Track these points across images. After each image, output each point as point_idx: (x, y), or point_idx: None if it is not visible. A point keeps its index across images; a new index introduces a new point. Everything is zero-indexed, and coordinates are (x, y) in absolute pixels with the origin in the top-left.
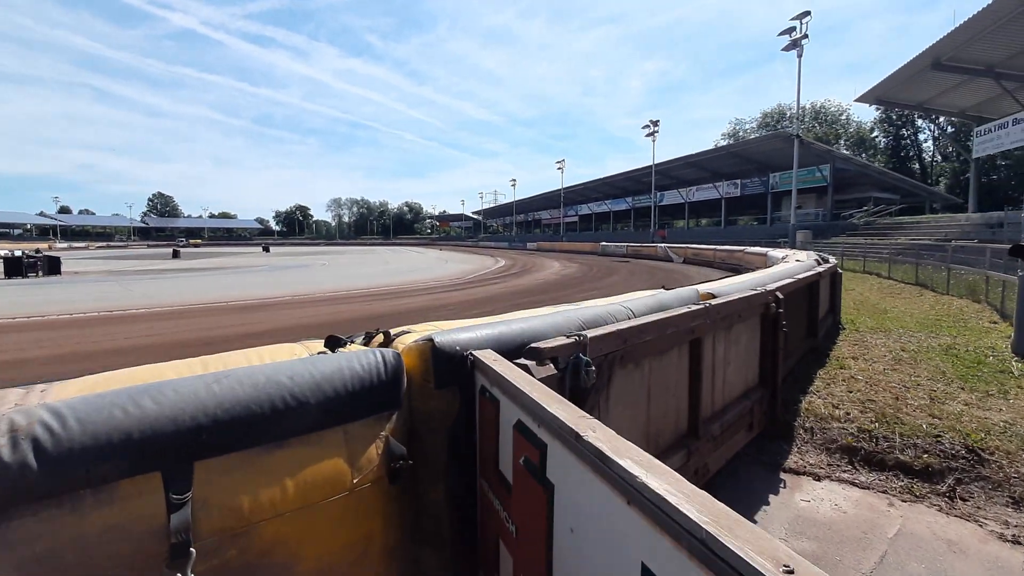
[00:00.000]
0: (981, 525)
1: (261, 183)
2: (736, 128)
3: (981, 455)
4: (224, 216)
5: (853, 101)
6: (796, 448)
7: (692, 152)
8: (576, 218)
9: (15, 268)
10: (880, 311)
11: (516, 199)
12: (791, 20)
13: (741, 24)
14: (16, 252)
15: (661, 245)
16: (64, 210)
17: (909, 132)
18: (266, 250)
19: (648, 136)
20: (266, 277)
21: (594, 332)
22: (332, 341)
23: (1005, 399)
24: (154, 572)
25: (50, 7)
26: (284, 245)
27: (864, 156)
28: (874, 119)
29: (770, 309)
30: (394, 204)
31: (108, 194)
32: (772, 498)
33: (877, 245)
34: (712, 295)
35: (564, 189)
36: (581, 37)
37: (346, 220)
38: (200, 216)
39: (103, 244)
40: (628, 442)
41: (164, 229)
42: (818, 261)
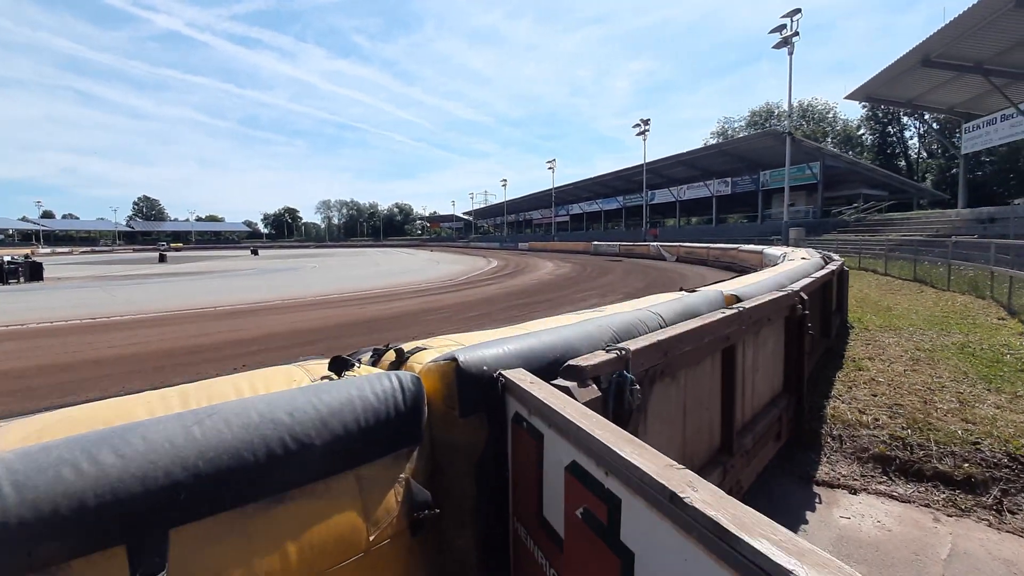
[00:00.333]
0: None
1: (248, 185)
2: (725, 127)
3: None
4: (211, 219)
5: (843, 99)
6: (825, 458)
7: (683, 151)
8: (567, 218)
9: None
10: (884, 308)
11: (507, 199)
12: (782, 17)
13: (726, 24)
14: None
15: (654, 244)
16: (47, 215)
17: (895, 129)
18: (254, 253)
19: (639, 135)
20: (255, 281)
21: (635, 345)
22: (338, 363)
23: None
24: None
25: (30, 9)
26: (272, 248)
27: (851, 153)
28: (860, 117)
29: (796, 311)
30: (384, 205)
31: (92, 198)
32: (810, 515)
33: (869, 241)
34: (737, 297)
35: (555, 189)
36: (568, 37)
37: (335, 222)
38: (187, 219)
39: (87, 249)
40: (749, 509)
41: (150, 233)
42: (824, 259)
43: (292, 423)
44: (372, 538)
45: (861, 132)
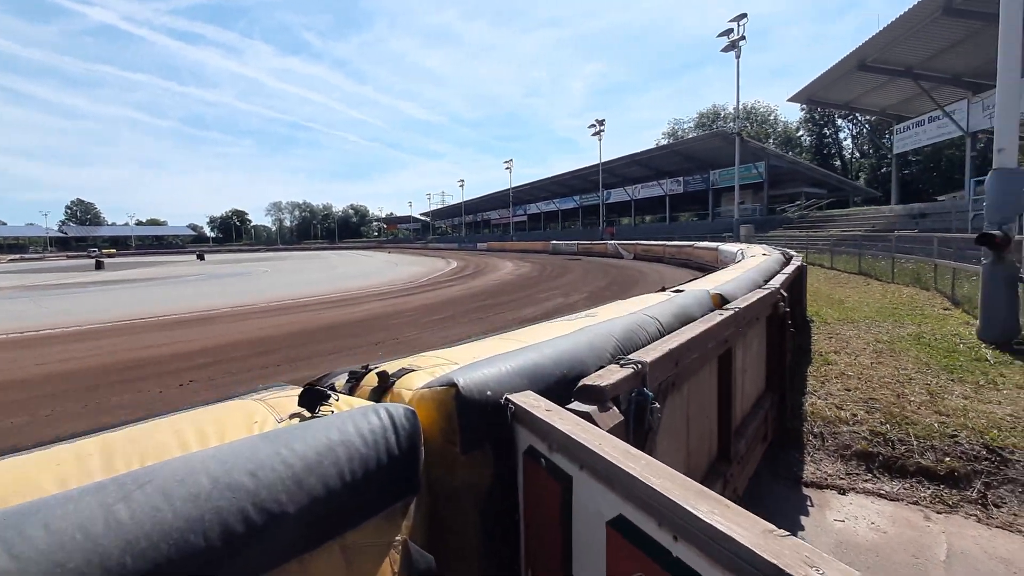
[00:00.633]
0: None
1: (193, 187)
2: (675, 128)
3: (1003, 455)
4: (153, 223)
5: (786, 100)
6: (809, 457)
7: (637, 151)
8: (525, 217)
9: None
10: (837, 302)
11: (464, 200)
12: (729, 22)
13: (674, 30)
14: None
15: (611, 242)
16: None
17: (831, 131)
18: (200, 258)
19: (594, 135)
20: (202, 287)
21: (649, 356)
22: (310, 396)
23: (997, 390)
24: None
25: None
26: (220, 252)
27: (792, 154)
28: (799, 119)
29: (778, 308)
30: (338, 207)
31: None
32: (804, 520)
33: (813, 237)
34: (722, 296)
35: (512, 189)
36: (523, 39)
37: (288, 224)
38: (126, 224)
39: (16, 256)
40: None
41: (85, 239)
42: (783, 255)
43: (256, 487)
44: None
45: (800, 133)
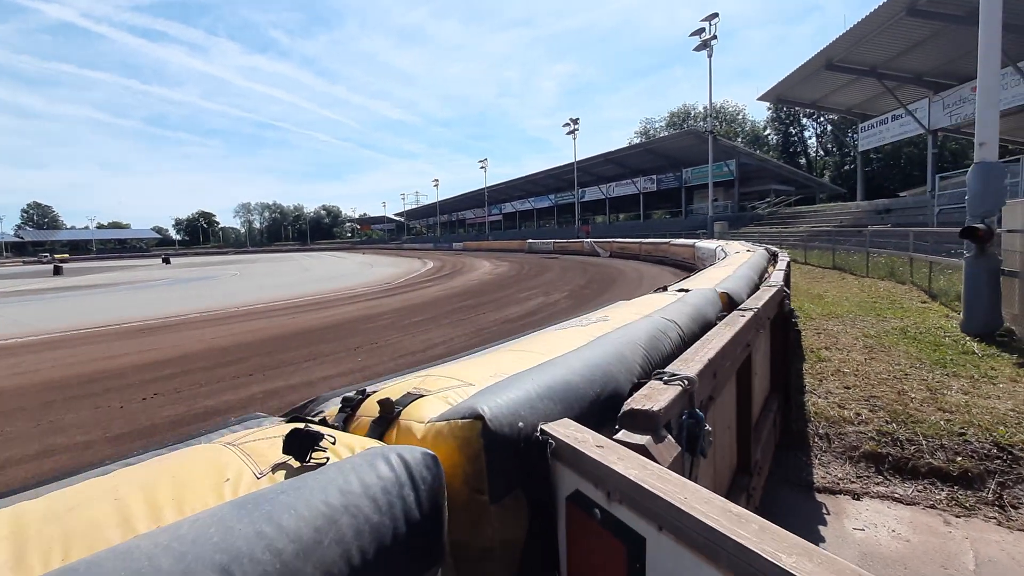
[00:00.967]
0: None
1: (158, 189)
2: (647, 127)
3: (1013, 453)
4: (115, 226)
5: (756, 99)
6: (816, 460)
7: (610, 149)
8: (500, 217)
9: None
10: (817, 296)
11: (439, 199)
12: (701, 21)
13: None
14: None
15: (587, 240)
16: None
17: (796, 130)
18: (166, 261)
19: (569, 134)
20: (168, 292)
21: (691, 370)
22: (299, 440)
23: (993, 384)
24: None
25: None
26: (187, 255)
27: (759, 152)
28: (766, 118)
29: (783, 306)
30: (310, 208)
31: None
32: (823, 530)
33: (784, 232)
34: (729, 295)
35: (487, 188)
36: (494, 39)
37: (258, 226)
38: (86, 227)
39: None
40: None
41: (43, 243)
42: (768, 250)
43: None
44: None
45: (767, 132)
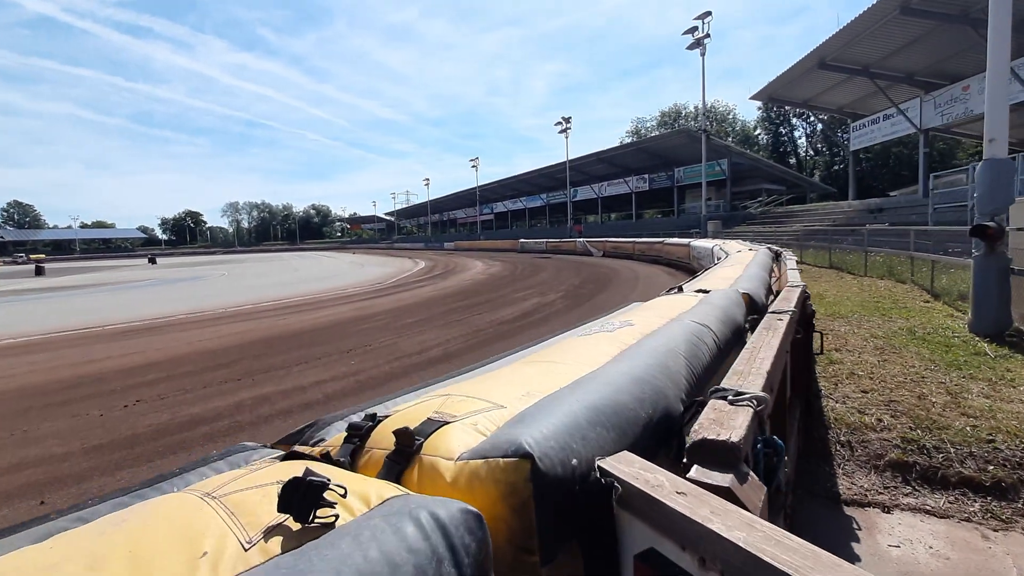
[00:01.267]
0: None
1: (143, 188)
2: (638, 126)
3: None
4: (99, 225)
5: (748, 99)
6: (839, 468)
7: (603, 148)
8: (492, 216)
9: None
10: (817, 295)
11: (430, 199)
12: (694, 20)
13: (633, 30)
14: None
15: (580, 240)
16: None
17: (786, 130)
18: (152, 261)
19: (561, 132)
20: (153, 293)
21: (751, 384)
22: (299, 492)
23: (1014, 387)
24: None
25: None
26: (174, 255)
27: (750, 152)
28: (756, 118)
29: (806, 308)
30: (299, 207)
31: None
32: (857, 548)
33: (777, 232)
34: (750, 296)
35: (479, 187)
36: (484, 38)
37: (246, 226)
38: (69, 227)
39: None
40: None
41: (24, 243)
42: (770, 248)
43: None
44: None
45: (757, 132)
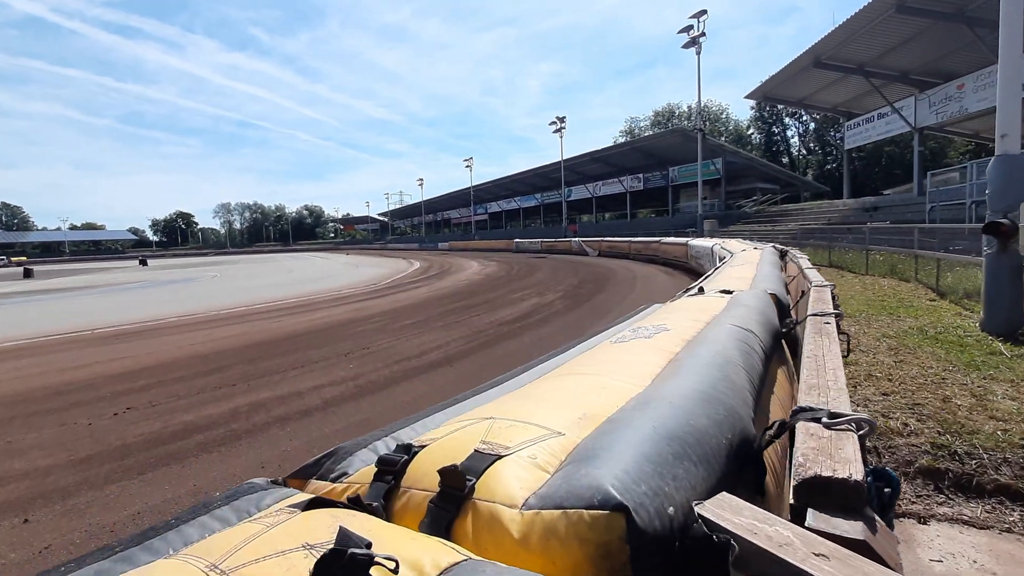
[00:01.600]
0: None
1: (134, 190)
2: (632, 126)
3: None
4: (89, 227)
5: (743, 97)
6: None
7: (598, 148)
8: (486, 216)
9: None
10: None
11: (424, 199)
12: (690, 18)
13: (627, 30)
14: None
15: (575, 240)
16: None
17: (779, 129)
18: (143, 263)
19: (555, 132)
20: (144, 295)
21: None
22: (335, 567)
23: None
24: None
25: None
26: (165, 257)
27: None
28: (749, 118)
29: (836, 309)
30: (292, 208)
31: None
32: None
33: (773, 231)
34: (776, 296)
35: (473, 187)
36: (479, 38)
37: (238, 227)
38: (58, 228)
39: None
40: None
41: (12, 245)
42: (775, 247)
43: None
44: None
45: (750, 132)
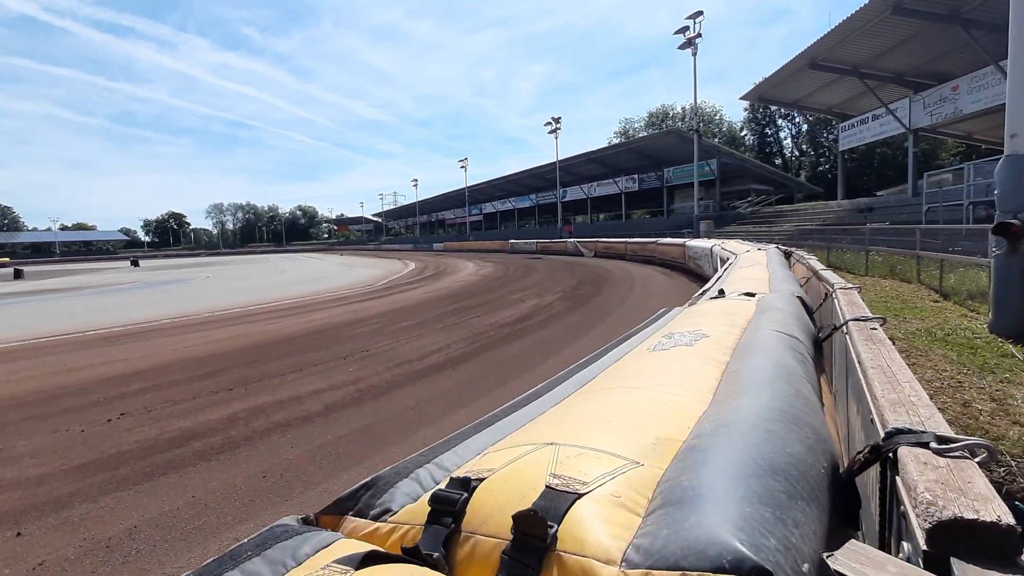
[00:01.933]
0: None
1: (126, 190)
2: (626, 127)
3: None
4: (80, 227)
5: (739, 99)
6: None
7: (592, 148)
8: (481, 217)
9: None
10: None
11: (418, 200)
12: (686, 19)
13: (620, 32)
14: None
15: (570, 240)
16: None
17: (772, 131)
18: (135, 264)
19: (551, 133)
20: (137, 297)
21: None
22: None
23: None
24: None
25: None
26: (157, 257)
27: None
28: (743, 119)
29: None
30: (285, 209)
31: None
32: None
33: (768, 232)
34: (802, 299)
35: (468, 188)
36: (471, 38)
37: (231, 227)
38: (48, 229)
39: None
40: None
41: (3, 246)
42: (779, 248)
43: None
44: None
45: (744, 133)
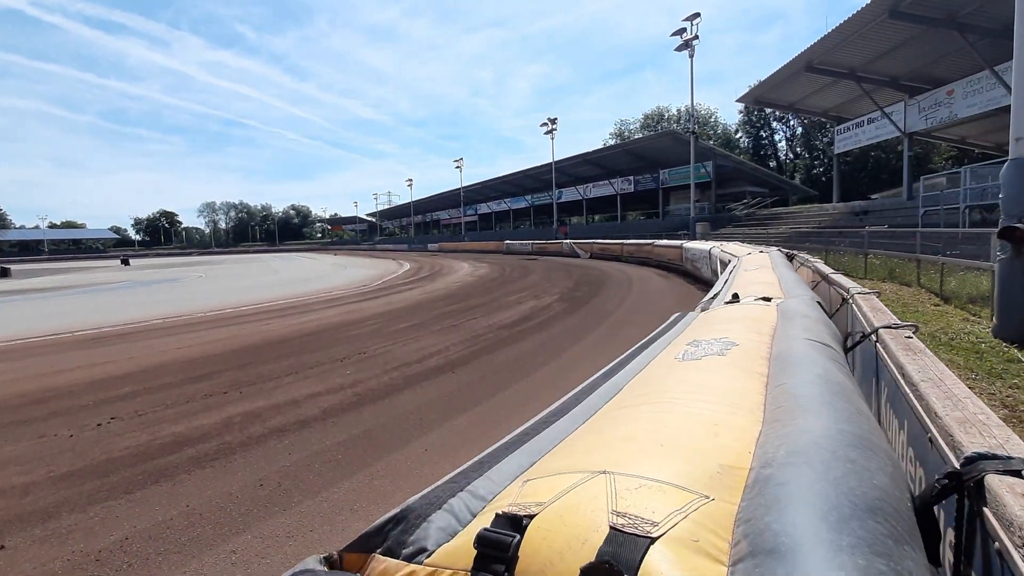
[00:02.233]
0: None
1: (116, 188)
2: (622, 128)
3: None
4: (69, 225)
5: (735, 101)
6: None
7: (588, 150)
8: (476, 217)
9: None
10: None
11: (413, 200)
12: (683, 21)
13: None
14: None
15: (566, 241)
16: None
17: (767, 134)
18: (125, 263)
19: (547, 134)
20: (127, 296)
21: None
22: None
23: None
24: None
25: None
26: (148, 256)
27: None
28: (738, 122)
29: None
30: (278, 208)
31: None
32: None
33: (764, 234)
34: (821, 304)
35: (463, 188)
36: (467, 39)
37: (223, 226)
38: (36, 227)
39: None
40: None
41: None
42: (780, 251)
43: None
44: None
45: (739, 135)
